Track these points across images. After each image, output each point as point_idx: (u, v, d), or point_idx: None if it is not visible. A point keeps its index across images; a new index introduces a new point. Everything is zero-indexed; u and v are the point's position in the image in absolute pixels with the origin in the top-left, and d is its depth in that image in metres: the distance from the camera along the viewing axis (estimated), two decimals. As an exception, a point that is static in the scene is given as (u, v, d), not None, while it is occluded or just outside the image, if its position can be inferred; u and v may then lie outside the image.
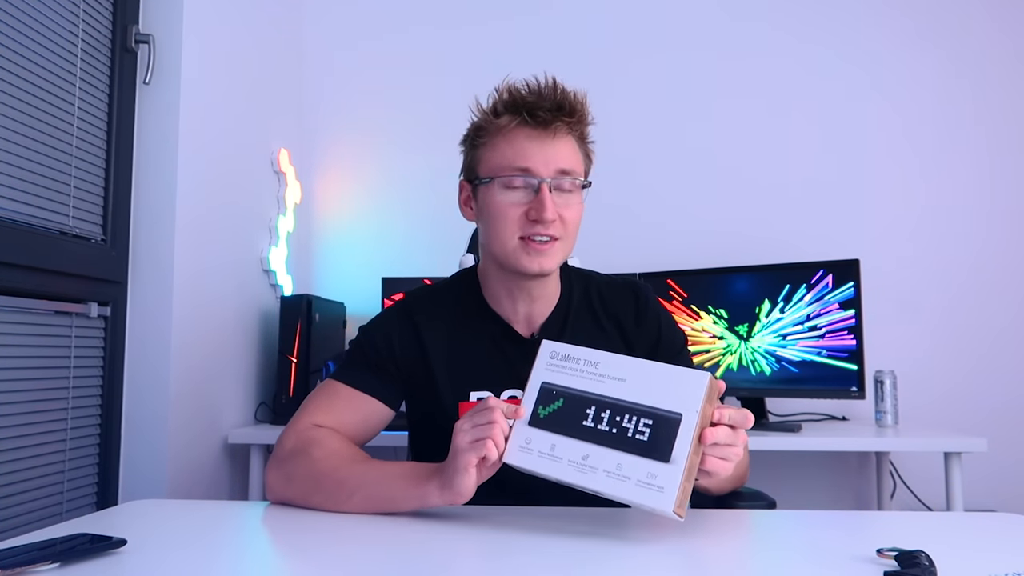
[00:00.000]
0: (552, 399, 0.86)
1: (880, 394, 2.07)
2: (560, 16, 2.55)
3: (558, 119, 1.03)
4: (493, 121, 1.06)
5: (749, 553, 0.83)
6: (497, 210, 1.05)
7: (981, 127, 2.43)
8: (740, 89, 2.49)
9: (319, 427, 1.05)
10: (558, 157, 1.04)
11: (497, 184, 1.04)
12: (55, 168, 1.44)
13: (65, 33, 1.47)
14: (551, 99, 1.04)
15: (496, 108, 1.06)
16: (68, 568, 0.71)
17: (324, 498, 0.97)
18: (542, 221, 1.02)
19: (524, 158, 1.03)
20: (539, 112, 1.03)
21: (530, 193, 1.04)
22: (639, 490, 0.78)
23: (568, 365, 0.86)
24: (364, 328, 1.17)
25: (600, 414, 0.82)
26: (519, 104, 1.04)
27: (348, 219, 2.56)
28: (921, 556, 0.70)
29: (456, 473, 0.88)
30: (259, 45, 2.21)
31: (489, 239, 1.09)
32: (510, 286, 1.11)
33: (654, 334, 1.16)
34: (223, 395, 1.96)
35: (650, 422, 0.81)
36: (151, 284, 1.67)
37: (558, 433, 0.84)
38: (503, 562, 0.79)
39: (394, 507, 0.94)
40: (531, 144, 1.04)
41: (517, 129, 1.04)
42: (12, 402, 1.34)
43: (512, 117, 1.04)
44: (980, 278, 2.38)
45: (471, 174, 1.11)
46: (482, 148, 1.08)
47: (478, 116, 1.09)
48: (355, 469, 0.98)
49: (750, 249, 2.34)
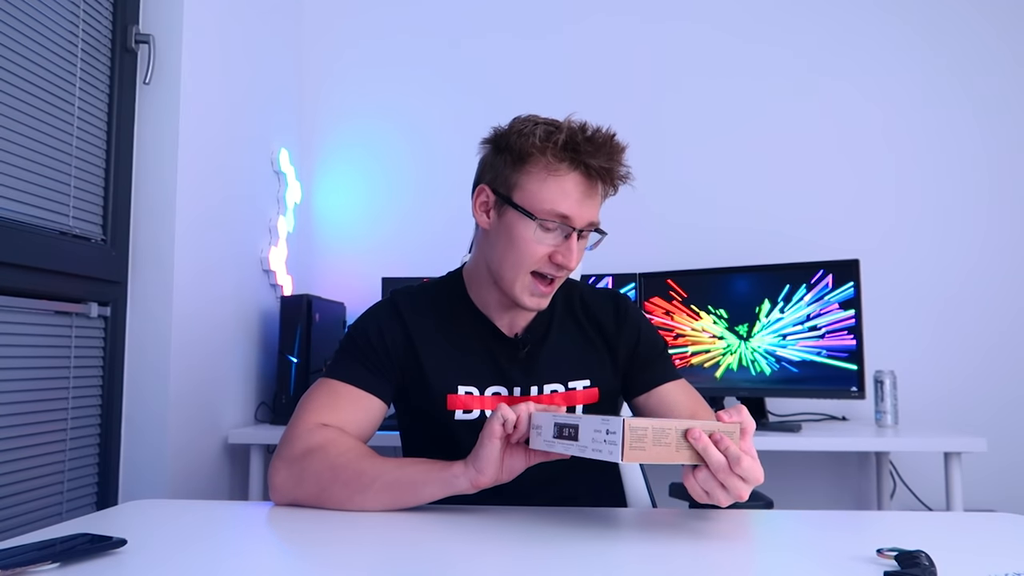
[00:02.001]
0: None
1: (880, 394, 2.07)
2: (559, 18, 2.55)
3: (609, 179, 1.06)
4: (550, 160, 1.04)
5: (749, 553, 0.83)
6: (524, 244, 1.06)
7: (981, 127, 2.43)
8: (740, 90, 2.49)
9: (326, 426, 1.06)
10: (594, 210, 1.08)
11: (536, 223, 1.05)
12: (55, 168, 1.44)
13: (65, 33, 1.47)
14: (607, 156, 1.04)
15: (556, 147, 1.04)
16: (68, 568, 0.71)
17: (341, 491, 0.97)
18: (564, 268, 1.06)
19: (569, 207, 1.05)
20: (596, 169, 1.04)
21: (559, 238, 1.06)
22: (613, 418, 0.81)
23: None
24: (354, 324, 1.17)
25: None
26: (580, 154, 1.03)
27: (348, 219, 2.56)
28: (921, 556, 0.70)
29: (481, 445, 0.92)
30: (259, 45, 2.21)
31: (498, 260, 1.09)
32: (501, 299, 1.13)
33: (633, 339, 1.19)
34: (223, 395, 1.96)
35: None
36: (151, 284, 1.67)
37: None
38: (503, 562, 0.79)
39: (415, 494, 0.95)
40: (578, 194, 1.05)
41: (570, 177, 1.05)
42: (12, 402, 1.34)
43: (571, 166, 1.04)
44: (980, 278, 2.39)
45: (503, 189, 1.08)
46: (525, 175, 1.06)
47: (532, 140, 1.04)
48: (374, 461, 0.99)
49: (750, 249, 2.34)
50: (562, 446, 0.86)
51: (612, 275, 2.23)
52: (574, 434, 0.84)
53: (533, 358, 1.14)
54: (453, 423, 1.12)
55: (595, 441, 0.81)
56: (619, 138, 1.06)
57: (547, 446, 0.88)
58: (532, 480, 0.97)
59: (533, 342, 1.15)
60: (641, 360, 1.19)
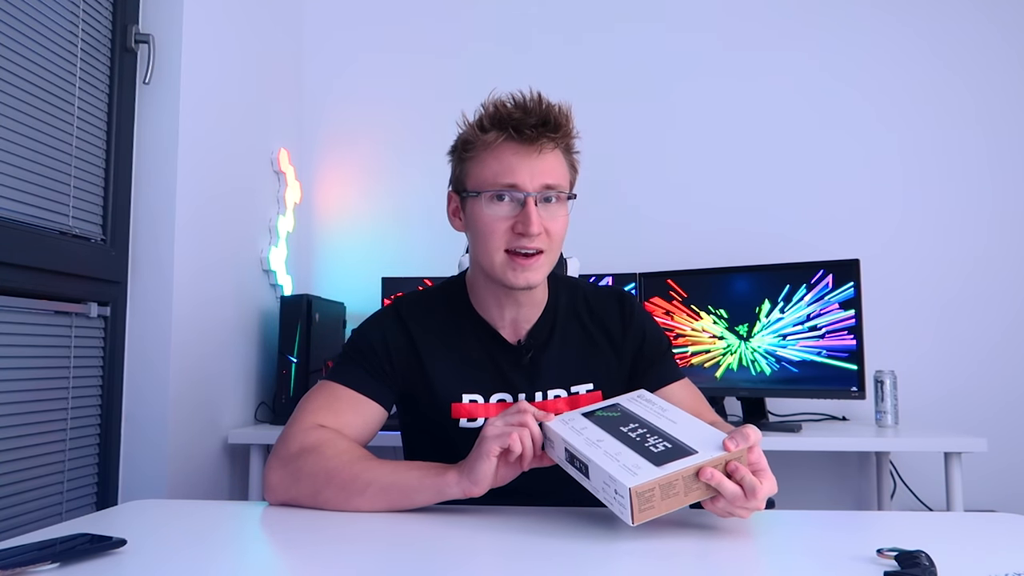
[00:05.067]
0: (612, 410, 0.98)
1: (880, 394, 2.07)
2: (558, 19, 2.55)
3: (543, 135, 1.05)
4: (480, 136, 1.06)
5: (749, 553, 0.83)
6: (484, 224, 1.06)
7: (981, 127, 2.43)
8: (740, 90, 2.49)
9: (323, 427, 1.05)
10: (544, 172, 1.06)
11: (484, 198, 1.06)
12: (55, 168, 1.44)
13: (65, 33, 1.47)
14: (536, 114, 1.04)
15: (483, 123, 1.07)
16: (68, 568, 0.71)
17: (335, 493, 0.97)
18: (527, 235, 1.04)
19: (511, 174, 1.05)
20: (525, 128, 1.04)
21: (516, 207, 1.06)
22: (620, 470, 0.83)
23: (643, 402, 0.99)
24: (357, 330, 1.17)
25: (639, 430, 0.92)
26: (505, 119, 1.05)
27: (348, 219, 2.56)
28: (921, 556, 0.70)
29: (478, 459, 0.91)
30: (259, 45, 2.21)
31: (477, 251, 1.11)
32: (498, 295, 1.13)
33: (639, 339, 1.19)
34: (223, 395, 1.96)
35: (669, 445, 0.87)
36: (151, 284, 1.67)
37: (597, 425, 0.94)
38: (503, 562, 0.79)
39: (409, 499, 0.95)
40: (517, 159, 1.05)
41: (503, 144, 1.05)
42: (12, 402, 1.34)
43: (499, 133, 1.05)
44: (980, 278, 2.38)
45: (459, 186, 1.12)
46: (469, 162, 1.09)
47: (465, 129, 1.10)
48: (369, 464, 0.99)
49: (750, 249, 2.34)
50: (576, 475, 0.90)
51: (612, 275, 2.23)
52: (585, 470, 0.87)
53: (536, 364, 1.14)
54: (457, 431, 1.11)
55: (605, 492, 0.84)
56: (548, 96, 1.06)
57: (564, 466, 0.92)
58: (537, 486, 0.97)
59: (536, 347, 1.14)
60: (646, 360, 1.19)
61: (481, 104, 1.09)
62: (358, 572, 0.75)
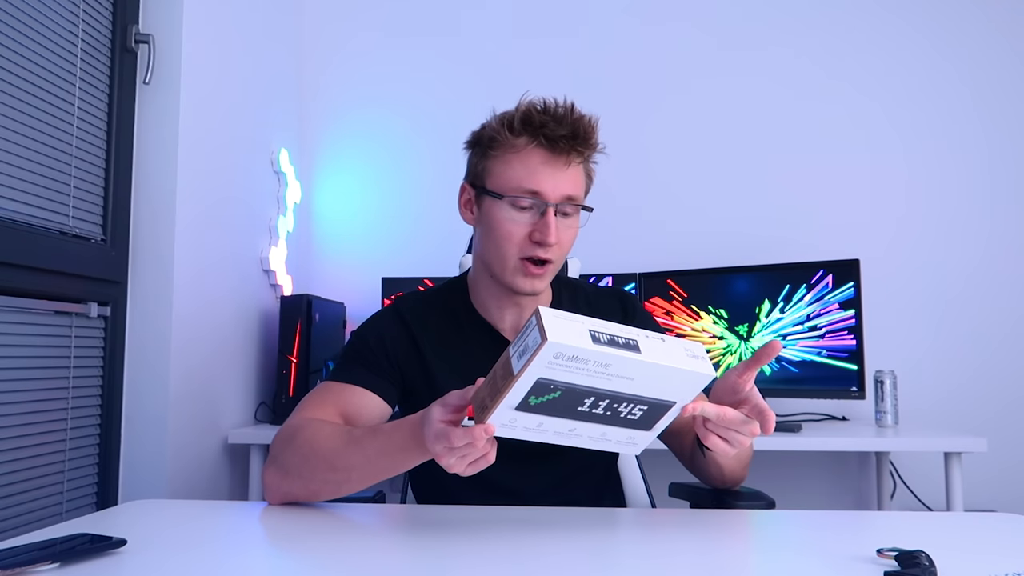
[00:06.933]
0: (548, 391, 0.78)
1: (880, 394, 2.07)
2: (557, 20, 2.55)
3: (574, 148, 1.04)
4: (508, 137, 1.05)
5: (749, 553, 0.83)
6: (502, 228, 1.06)
7: (982, 127, 2.43)
8: (741, 90, 2.49)
9: (310, 419, 1.04)
10: (567, 183, 1.06)
11: (506, 202, 1.05)
12: (55, 168, 1.44)
13: (65, 33, 1.47)
14: (568, 125, 1.03)
15: (513, 124, 1.05)
16: (68, 568, 0.71)
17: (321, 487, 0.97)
18: (544, 244, 1.04)
19: (536, 182, 1.04)
20: (556, 139, 1.03)
21: (535, 215, 1.05)
22: (618, 446, 0.84)
23: (574, 365, 0.77)
24: (357, 331, 1.17)
25: (598, 403, 0.80)
26: (537, 126, 1.04)
27: (348, 219, 2.56)
28: (921, 556, 0.70)
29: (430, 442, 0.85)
30: (259, 45, 2.21)
31: (487, 250, 1.10)
32: (500, 295, 1.13)
33: None
34: (223, 395, 1.96)
35: (645, 407, 0.82)
36: (151, 284, 1.67)
37: (548, 415, 0.80)
38: (503, 562, 0.79)
39: (392, 473, 0.94)
40: (544, 168, 1.04)
41: (532, 151, 1.05)
42: (12, 402, 1.34)
43: (529, 139, 1.04)
44: (980, 278, 2.38)
45: (477, 180, 1.11)
46: (493, 160, 1.08)
47: (494, 125, 1.08)
48: (345, 452, 0.95)
49: (750, 249, 2.34)
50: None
51: (612, 275, 2.23)
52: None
53: None
54: None
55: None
56: (581, 108, 1.06)
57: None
58: (534, 487, 0.97)
59: None
60: None
61: (516, 107, 1.07)
62: (358, 572, 0.75)
